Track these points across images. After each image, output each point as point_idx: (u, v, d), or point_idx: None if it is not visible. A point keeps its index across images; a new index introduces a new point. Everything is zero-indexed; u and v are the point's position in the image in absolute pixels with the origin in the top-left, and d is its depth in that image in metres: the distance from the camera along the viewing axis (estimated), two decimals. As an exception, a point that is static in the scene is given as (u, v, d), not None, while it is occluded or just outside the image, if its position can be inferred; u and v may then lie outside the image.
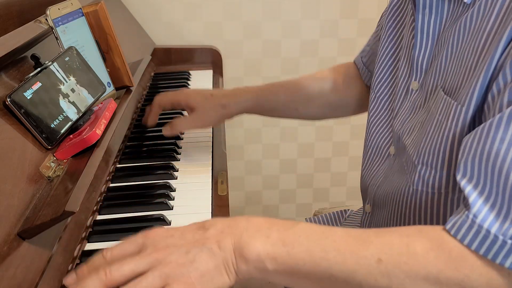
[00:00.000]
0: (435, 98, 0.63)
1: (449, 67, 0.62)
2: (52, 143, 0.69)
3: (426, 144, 0.62)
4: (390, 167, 0.76)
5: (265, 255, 0.52)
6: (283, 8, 1.57)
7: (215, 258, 0.52)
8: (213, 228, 0.54)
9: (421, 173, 0.64)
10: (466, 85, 0.57)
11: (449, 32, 0.63)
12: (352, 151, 1.79)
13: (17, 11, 0.81)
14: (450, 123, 0.59)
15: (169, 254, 0.52)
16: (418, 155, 0.64)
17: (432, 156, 0.61)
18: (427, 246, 0.51)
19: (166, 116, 1.11)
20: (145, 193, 0.80)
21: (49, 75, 0.73)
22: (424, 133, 0.63)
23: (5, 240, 0.54)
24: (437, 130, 0.61)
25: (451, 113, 0.59)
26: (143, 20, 1.52)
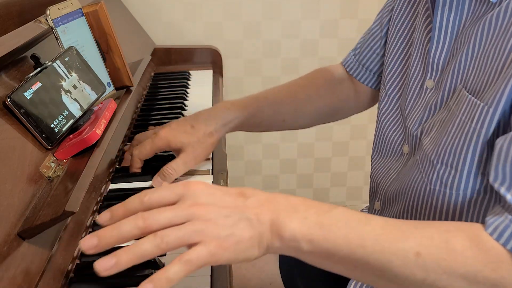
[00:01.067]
0: (456, 98, 0.63)
1: (471, 67, 0.61)
2: (52, 143, 0.69)
3: (447, 144, 0.62)
4: (404, 165, 0.75)
5: (301, 236, 0.52)
6: (283, 8, 1.57)
7: (253, 229, 0.52)
8: (253, 199, 0.53)
9: (439, 173, 0.63)
10: (494, 86, 0.56)
11: (470, 31, 0.62)
12: (352, 151, 1.79)
13: (17, 11, 0.81)
14: (475, 124, 0.58)
15: (210, 213, 0.51)
16: (437, 155, 0.63)
17: (453, 157, 0.61)
18: (466, 244, 0.51)
19: (167, 117, 1.11)
20: (145, 193, 0.80)
21: (50, 75, 0.73)
22: (445, 132, 0.63)
23: (5, 240, 0.54)
24: (460, 131, 0.60)
25: (477, 114, 0.58)
26: (143, 20, 1.52)
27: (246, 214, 0.52)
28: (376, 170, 0.82)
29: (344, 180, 1.82)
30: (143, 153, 0.83)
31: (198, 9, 1.55)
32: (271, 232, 0.52)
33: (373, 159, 0.84)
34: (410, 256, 0.51)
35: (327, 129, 1.74)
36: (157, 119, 1.10)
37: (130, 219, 0.51)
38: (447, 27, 0.66)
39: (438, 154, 0.63)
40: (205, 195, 0.53)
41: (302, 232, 0.52)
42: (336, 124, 1.74)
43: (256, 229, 0.52)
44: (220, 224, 0.51)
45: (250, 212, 0.52)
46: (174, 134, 0.83)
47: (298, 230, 0.52)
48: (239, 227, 0.51)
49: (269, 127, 0.93)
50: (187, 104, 1.22)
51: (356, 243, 0.52)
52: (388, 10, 0.87)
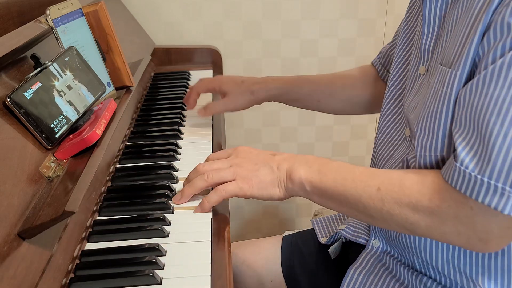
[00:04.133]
0: (434, 73, 0.69)
1: (447, 45, 0.68)
2: (52, 143, 0.69)
3: (425, 111, 0.69)
4: (407, 147, 0.78)
5: (305, 179, 0.72)
6: (283, 8, 1.57)
7: (273, 174, 0.73)
8: (279, 155, 0.76)
9: (419, 139, 0.70)
10: (460, 54, 0.64)
11: (449, 15, 0.69)
12: (352, 151, 1.79)
13: (17, 11, 0.81)
14: (445, 88, 0.65)
15: (244, 162, 0.75)
16: (417, 124, 0.70)
17: (429, 121, 0.68)
18: (414, 181, 0.65)
19: (167, 117, 1.11)
20: (145, 193, 0.80)
21: (49, 75, 0.73)
22: (424, 103, 0.70)
23: (5, 240, 0.54)
24: (434, 98, 0.67)
25: (447, 79, 0.65)
26: (143, 20, 1.52)
27: (270, 163, 0.74)
28: (380, 155, 0.86)
29: (344, 180, 1.82)
30: (200, 86, 1.07)
31: (198, 9, 1.55)
32: (286, 177, 0.73)
33: (375, 148, 0.88)
34: (373, 191, 0.67)
35: (327, 129, 1.74)
36: (157, 119, 1.10)
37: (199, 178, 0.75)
38: (434, 16, 0.72)
39: (418, 123, 0.70)
40: (244, 152, 0.77)
41: (305, 176, 0.72)
42: (336, 124, 1.74)
43: (275, 175, 0.73)
44: (250, 169, 0.74)
45: (273, 163, 0.74)
46: (227, 81, 1.05)
47: (303, 175, 0.72)
48: (262, 172, 0.74)
49: (305, 104, 1.07)
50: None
51: (339, 183, 0.70)
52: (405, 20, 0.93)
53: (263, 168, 0.74)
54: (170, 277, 0.62)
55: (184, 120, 1.11)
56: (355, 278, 0.82)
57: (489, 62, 0.58)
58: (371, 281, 0.81)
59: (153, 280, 0.61)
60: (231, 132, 1.68)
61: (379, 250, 0.84)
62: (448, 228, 0.63)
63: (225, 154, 0.78)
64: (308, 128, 1.73)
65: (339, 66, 1.66)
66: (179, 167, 0.89)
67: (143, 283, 0.61)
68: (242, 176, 0.73)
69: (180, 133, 1.03)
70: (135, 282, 0.61)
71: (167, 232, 0.71)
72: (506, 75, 0.56)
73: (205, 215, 0.75)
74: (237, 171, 0.73)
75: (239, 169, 0.74)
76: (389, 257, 0.82)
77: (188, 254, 0.67)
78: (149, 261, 0.64)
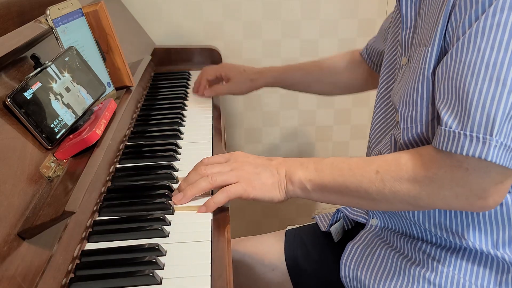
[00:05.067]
0: (414, 56, 0.75)
1: (422, 31, 0.75)
2: (52, 143, 0.69)
3: (405, 88, 0.76)
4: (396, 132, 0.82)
5: (304, 178, 0.76)
6: (283, 8, 1.57)
7: (274, 177, 0.77)
8: (275, 161, 0.80)
9: (402, 113, 0.76)
10: (431, 32, 0.71)
11: (423, 7, 0.76)
12: (352, 151, 1.79)
13: (17, 11, 0.81)
14: (420, 64, 0.72)
15: (244, 165, 0.78)
16: (400, 101, 0.77)
17: (409, 96, 0.74)
18: (408, 157, 0.71)
19: (167, 117, 1.11)
20: (145, 193, 0.80)
21: (49, 76, 0.73)
22: (404, 83, 0.77)
23: (5, 240, 0.54)
24: (412, 75, 0.74)
25: (422, 56, 0.72)
26: (143, 20, 1.51)
27: (269, 168, 0.78)
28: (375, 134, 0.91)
29: (344, 180, 1.82)
30: (210, 72, 1.26)
31: (198, 9, 1.55)
32: (286, 180, 0.77)
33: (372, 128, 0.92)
34: (372, 174, 0.72)
35: (327, 129, 1.74)
36: (157, 119, 1.10)
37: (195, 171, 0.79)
38: (411, 10, 0.79)
39: (400, 99, 0.77)
40: (242, 157, 0.80)
41: (304, 176, 0.76)
42: (336, 124, 1.74)
43: (276, 178, 0.77)
44: (251, 172, 0.77)
45: (272, 167, 0.78)
46: (232, 68, 1.25)
47: (302, 176, 0.76)
48: (264, 175, 0.77)
49: (298, 88, 1.25)
50: (187, 104, 1.22)
51: (337, 174, 0.74)
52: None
53: (264, 172, 0.77)
54: (170, 277, 0.62)
55: (184, 120, 1.11)
56: (353, 252, 0.87)
57: (460, 34, 0.66)
58: (368, 253, 0.85)
59: (153, 280, 0.61)
60: (231, 132, 1.67)
61: (378, 227, 0.88)
62: (447, 191, 0.68)
63: (222, 159, 0.81)
64: (308, 128, 1.73)
65: (339, 66, 1.66)
66: (179, 167, 0.89)
67: (143, 283, 0.61)
68: (245, 178, 0.76)
69: (180, 133, 1.03)
70: (135, 282, 0.61)
71: (167, 232, 0.71)
72: (475, 41, 0.64)
73: (205, 215, 0.75)
74: (240, 174, 0.77)
75: (242, 172, 0.77)
76: (387, 231, 0.86)
77: (188, 254, 0.67)
78: (149, 261, 0.64)
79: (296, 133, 1.74)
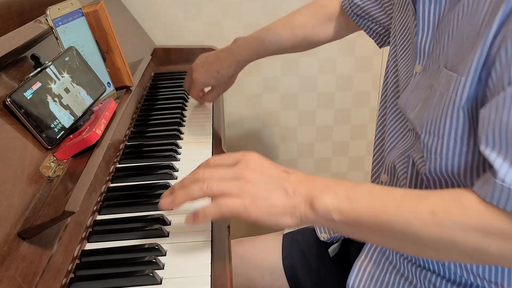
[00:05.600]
0: (437, 76, 0.68)
1: (450, 48, 0.67)
2: (52, 143, 0.69)
3: (429, 114, 0.67)
4: (411, 144, 0.78)
5: (333, 207, 0.60)
6: (283, 8, 1.57)
7: (287, 199, 0.62)
8: (294, 176, 0.64)
9: (425, 142, 0.68)
10: (466, 60, 0.62)
11: (449, 17, 0.68)
12: (352, 151, 1.79)
13: (17, 11, 0.81)
14: (450, 93, 0.64)
15: (253, 176, 0.62)
16: (421, 126, 0.68)
17: (434, 124, 0.66)
18: (474, 200, 0.57)
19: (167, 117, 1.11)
20: (145, 193, 0.80)
21: (49, 76, 0.73)
22: (427, 106, 0.68)
23: (5, 240, 0.54)
24: (439, 101, 0.66)
25: (452, 83, 0.63)
26: (143, 20, 1.51)
27: (285, 185, 0.62)
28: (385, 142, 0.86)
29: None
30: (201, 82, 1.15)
31: (198, 9, 1.55)
32: (306, 205, 0.61)
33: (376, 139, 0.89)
34: (426, 215, 0.57)
35: (327, 129, 1.74)
36: (157, 119, 1.10)
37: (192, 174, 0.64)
38: (429, 16, 0.72)
39: (422, 124, 0.68)
40: (255, 163, 0.64)
41: (333, 204, 0.60)
42: (336, 124, 1.74)
43: (291, 200, 0.62)
44: (259, 187, 0.61)
45: (288, 185, 0.62)
46: (207, 79, 1.14)
47: (330, 203, 0.61)
48: (275, 194, 0.62)
49: (273, 54, 1.16)
50: (187, 104, 1.22)
51: (379, 210, 0.59)
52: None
53: (277, 190, 0.62)
54: (170, 277, 0.62)
55: (184, 120, 1.11)
56: (361, 273, 0.81)
57: None
58: (377, 278, 0.81)
59: (153, 280, 0.61)
60: (231, 132, 1.67)
61: None
62: None
63: (231, 160, 0.65)
64: (308, 128, 1.73)
65: (339, 66, 1.66)
66: (179, 167, 0.89)
67: (143, 283, 0.61)
68: (251, 193, 0.61)
69: (180, 133, 1.03)
70: (135, 282, 0.61)
71: (167, 232, 0.71)
72: None
73: (205, 215, 0.75)
74: (245, 187, 0.61)
75: (248, 185, 0.61)
76: (392, 251, 0.82)
77: (188, 254, 0.67)
78: (149, 261, 0.64)
79: (296, 133, 1.74)
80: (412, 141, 0.78)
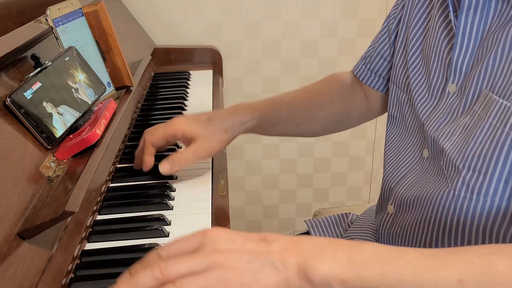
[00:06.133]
0: (482, 102, 0.62)
1: (499, 71, 0.60)
2: (52, 143, 0.69)
3: (476, 149, 0.61)
4: (424, 170, 0.74)
5: (333, 277, 0.49)
6: (283, 8, 1.57)
7: (278, 274, 0.50)
8: (276, 243, 0.51)
9: (466, 179, 0.62)
10: None
11: (498, 34, 0.61)
12: (352, 151, 1.79)
13: (17, 11, 0.81)
14: (508, 129, 0.57)
15: (231, 259, 0.49)
16: (463, 160, 0.62)
17: (482, 162, 0.60)
18: (510, 265, 0.48)
19: (167, 117, 1.11)
20: (145, 193, 0.80)
21: (49, 76, 0.73)
22: (472, 137, 0.62)
23: (5, 240, 0.54)
24: (490, 135, 0.59)
25: (504, 114, 0.57)
26: (143, 20, 1.52)
27: (270, 259, 0.50)
28: (391, 172, 0.81)
29: (344, 180, 1.82)
30: (155, 136, 0.82)
31: (198, 9, 1.55)
32: (299, 277, 0.50)
33: (386, 163, 0.83)
34: (452, 285, 0.48)
35: (327, 129, 1.74)
36: (157, 119, 1.10)
37: (147, 270, 0.49)
38: (471, 31, 0.65)
39: (465, 159, 0.62)
40: (225, 241, 0.51)
41: (333, 274, 0.49)
42: (336, 124, 1.74)
43: (282, 275, 0.50)
44: (243, 271, 0.49)
45: (274, 257, 0.50)
46: (189, 123, 0.82)
47: (329, 272, 0.49)
48: (264, 273, 0.49)
49: (284, 130, 0.92)
50: (187, 104, 1.22)
51: (393, 278, 0.49)
52: (394, 17, 0.86)
53: (263, 268, 0.50)
54: (170, 277, 0.62)
55: (184, 120, 1.11)
56: None
57: None
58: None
59: (153, 280, 0.61)
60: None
61: None
62: None
63: (191, 245, 0.52)
64: (308, 128, 1.73)
65: (339, 66, 1.66)
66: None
67: (143, 283, 0.61)
68: (234, 283, 0.48)
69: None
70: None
71: (167, 232, 0.71)
72: None
73: (205, 215, 0.75)
74: (226, 276, 0.48)
75: (229, 273, 0.48)
76: None
77: (188, 254, 0.67)
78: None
79: (296, 133, 1.74)
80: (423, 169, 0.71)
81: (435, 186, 0.68)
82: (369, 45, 0.95)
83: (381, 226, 0.84)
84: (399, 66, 0.82)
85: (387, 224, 0.82)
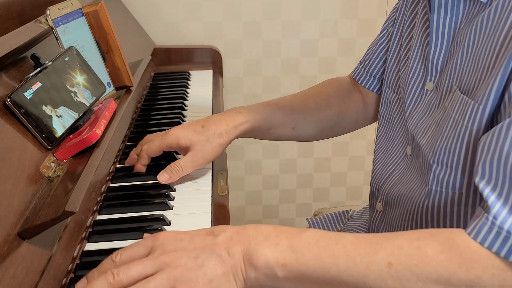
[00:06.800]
0: (451, 98, 0.63)
1: (465, 67, 0.62)
2: (52, 143, 0.69)
3: (442, 143, 0.62)
4: (407, 167, 0.75)
5: (274, 262, 0.52)
6: (283, 8, 1.57)
7: (224, 264, 0.53)
8: (222, 235, 0.55)
9: (436, 173, 0.63)
10: (483, 84, 0.57)
11: (465, 32, 0.63)
12: (352, 151, 1.79)
13: (17, 11, 0.81)
14: (466, 122, 0.58)
15: (178, 258, 0.53)
16: (433, 155, 0.63)
17: (448, 155, 0.61)
18: (438, 249, 0.51)
19: (167, 117, 1.11)
20: (145, 193, 0.80)
21: (49, 76, 0.73)
22: (440, 132, 0.63)
23: (5, 240, 0.54)
24: (453, 129, 0.61)
25: (468, 112, 0.58)
26: (143, 20, 1.52)
27: (216, 251, 0.53)
28: (379, 170, 0.82)
29: (344, 180, 1.82)
30: (152, 148, 0.84)
31: (198, 9, 1.55)
32: (245, 263, 0.53)
33: (374, 161, 0.84)
34: (382, 267, 0.51)
35: (327, 129, 1.74)
36: (157, 119, 1.10)
37: (101, 277, 0.52)
38: (443, 29, 0.66)
39: (434, 154, 0.63)
40: (172, 242, 0.54)
41: (275, 258, 0.52)
42: (336, 124, 1.74)
43: (228, 264, 0.53)
44: (190, 267, 0.52)
45: (220, 248, 0.53)
46: (184, 132, 0.83)
47: (271, 256, 0.52)
48: (210, 265, 0.52)
49: (279, 134, 0.91)
50: (187, 104, 1.22)
51: (328, 262, 0.52)
52: (392, 20, 0.87)
53: (209, 259, 0.52)
54: (170, 277, 0.62)
55: (184, 120, 1.11)
56: None
57: None
58: None
59: (153, 280, 0.61)
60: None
61: None
62: None
63: (141, 250, 0.56)
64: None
65: (339, 66, 1.66)
66: (179, 167, 0.89)
67: (143, 283, 0.61)
68: (183, 280, 0.51)
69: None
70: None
71: (167, 232, 0.71)
72: None
73: (205, 215, 0.75)
74: (174, 274, 0.51)
75: (177, 270, 0.52)
76: None
77: (188, 254, 0.67)
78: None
79: (296, 133, 1.73)
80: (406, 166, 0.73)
81: (416, 183, 0.70)
82: (368, 48, 0.95)
83: (371, 223, 0.85)
84: (391, 66, 0.83)
85: (376, 222, 0.83)
